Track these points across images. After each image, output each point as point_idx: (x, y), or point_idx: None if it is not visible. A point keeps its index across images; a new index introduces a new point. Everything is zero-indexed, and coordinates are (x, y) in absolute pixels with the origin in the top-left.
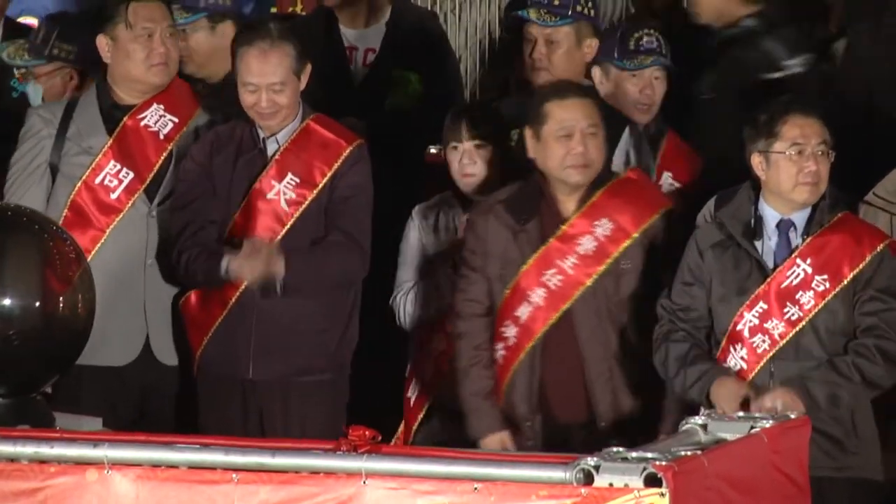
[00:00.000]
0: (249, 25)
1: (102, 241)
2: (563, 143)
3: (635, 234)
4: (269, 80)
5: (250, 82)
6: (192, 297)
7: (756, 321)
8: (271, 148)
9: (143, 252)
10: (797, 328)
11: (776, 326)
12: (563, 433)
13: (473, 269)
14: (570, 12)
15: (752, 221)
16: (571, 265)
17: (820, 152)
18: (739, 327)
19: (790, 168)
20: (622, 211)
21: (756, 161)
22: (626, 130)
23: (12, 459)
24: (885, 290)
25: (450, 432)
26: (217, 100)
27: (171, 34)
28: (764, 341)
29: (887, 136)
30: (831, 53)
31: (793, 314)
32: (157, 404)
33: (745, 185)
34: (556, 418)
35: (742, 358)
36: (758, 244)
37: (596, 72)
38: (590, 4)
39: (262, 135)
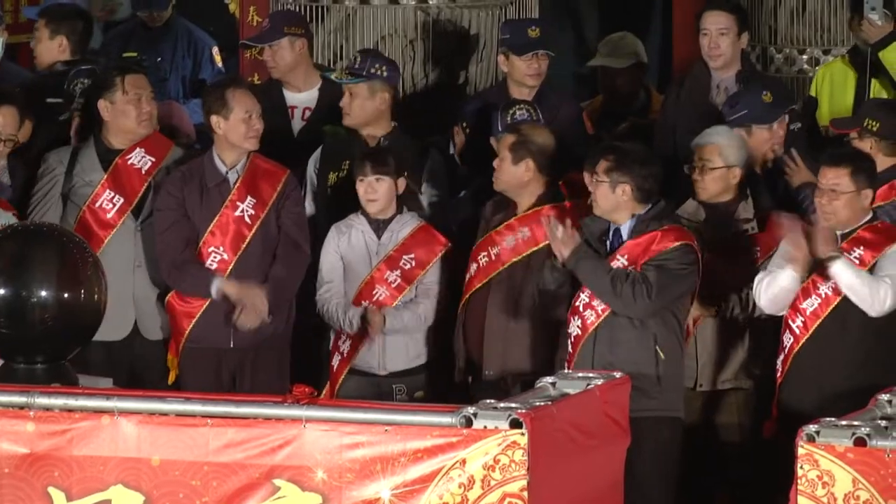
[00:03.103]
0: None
1: (101, 248)
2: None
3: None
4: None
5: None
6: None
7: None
8: (232, 178)
9: (132, 257)
10: None
11: None
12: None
13: None
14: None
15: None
16: (497, 251)
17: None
18: None
19: None
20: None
21: None
22: None
23: (47, 409)
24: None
25: (361, 390)
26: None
27: (153, 97)
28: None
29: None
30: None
31: None
32: (142, 367)
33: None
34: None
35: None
36: None
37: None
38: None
39: (223, 168)
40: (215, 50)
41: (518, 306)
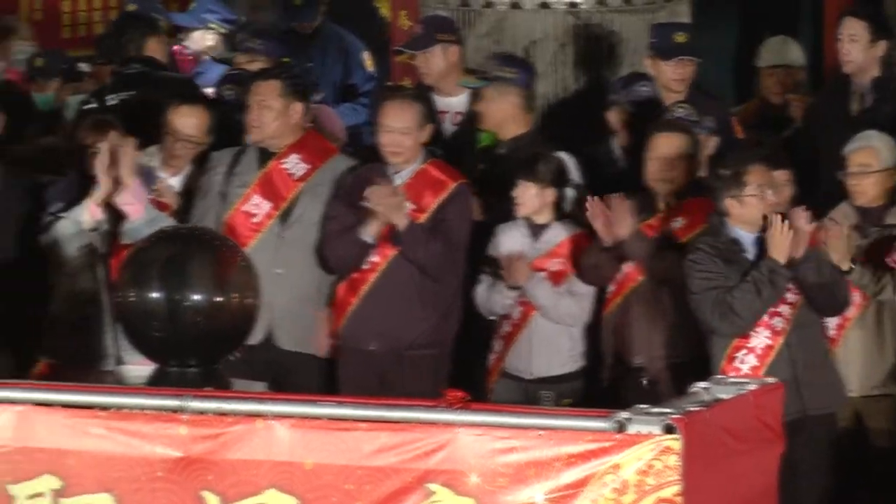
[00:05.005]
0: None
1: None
2: None
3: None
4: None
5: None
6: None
7: None
8: (397, 183)
9: (272, 263)
10: None
11: None
12: None
13: None
14: None
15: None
16: None
17: None
18: None
19: None
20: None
21: None
22: None
23: (201, 412)
24: None
25: (510, 393)
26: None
27: (264, 105)
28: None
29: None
30: None
31: None
32: (275, 375)
33: None
34: None
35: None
36: None
37: None
38: None
39: (390, 172)
40: (366, 54)
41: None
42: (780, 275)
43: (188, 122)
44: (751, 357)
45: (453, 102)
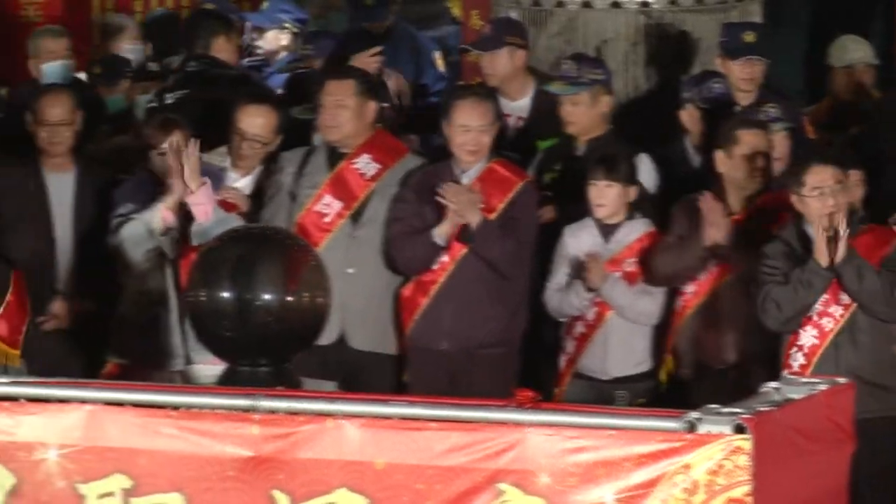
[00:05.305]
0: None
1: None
2: None
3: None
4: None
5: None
6: (406, 289)
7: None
8: (465, 182)
9: (343, 263)
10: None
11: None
12: None
13: None
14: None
15: None
16: None
17: None
18: None
19: None
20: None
21: None
22: None
23: (272, 412)
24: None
25: (583, 394)
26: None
27: (340, 105)
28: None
29: None
30: None
31: None
32: (348, 374)
33: None
34: None
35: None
36: None
37: None
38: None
39: (458, 172)
40: (437, 54)
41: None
42: (819, 276)
43: (255, 121)
44: (799, 355)
45: (516, 106)
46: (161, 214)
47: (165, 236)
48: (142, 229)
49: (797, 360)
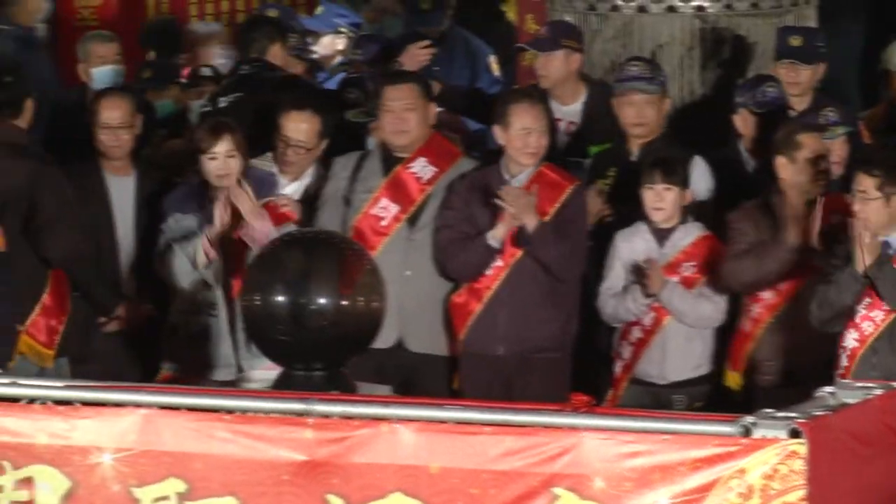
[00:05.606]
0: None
1: (373, 257)
2: None
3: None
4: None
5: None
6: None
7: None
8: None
9: (401, 266)
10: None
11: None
12: None
13: None
14: None
15: None
16: None
17: None
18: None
19: None
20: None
21: None
22: None
23: (326, 416)
24: None
25: (640, 399)
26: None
27: (409, 108)
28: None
29: None
30: None
31: None
32: (405, 378)
33: None
34: None
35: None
36: None
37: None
38: None
39: (507, 177)
40: (492, 59)
41: None
42: (852, 280)
43: (298, 127)
44: (844, 357)
45: (568, 111)
46: (203, 248)
47: (208, 269)
48: (186, 264)
49: (843, 362)
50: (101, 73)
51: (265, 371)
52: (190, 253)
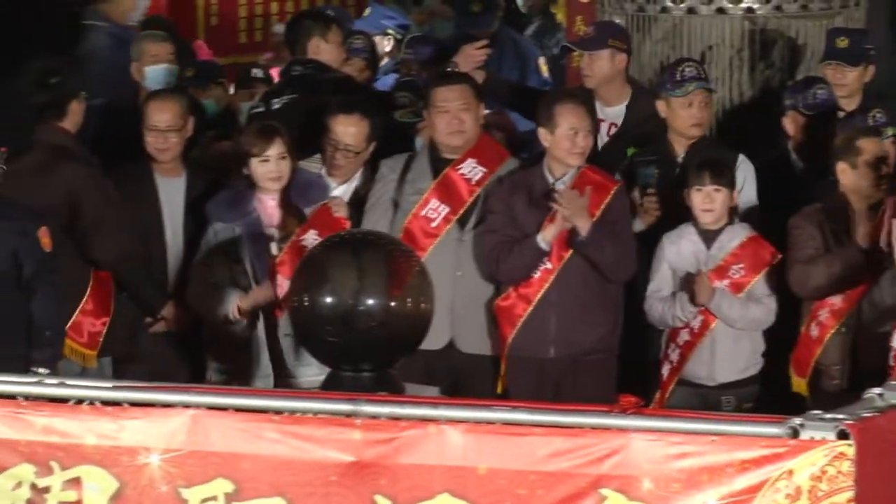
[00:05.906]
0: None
1: (424, 257)
2: None
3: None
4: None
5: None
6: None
7: None
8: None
9: (453, 267)
10: None
11: None
12: None
13: None
14: None
15: None
16: None
17: None
18: None
19: None
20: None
21: None
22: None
23: (374, 417)
24: None
25: (688, 401)
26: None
27: (464, 109)
28: None
29: None
30: None
31: None
32: (458, 379)
33: None
34: None
35: None
36: None
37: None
38: None
39: (551, 179)
40: (541, 60)
41: None
42: (892, 282)
43: (347, 131)
44: (891, 358)
45: (611, 112)
46: (234, 307)
47: (235, 325)
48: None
49: (890, 362)
50: (153, 73)
51: (311, 379)
52: (223, 300)
